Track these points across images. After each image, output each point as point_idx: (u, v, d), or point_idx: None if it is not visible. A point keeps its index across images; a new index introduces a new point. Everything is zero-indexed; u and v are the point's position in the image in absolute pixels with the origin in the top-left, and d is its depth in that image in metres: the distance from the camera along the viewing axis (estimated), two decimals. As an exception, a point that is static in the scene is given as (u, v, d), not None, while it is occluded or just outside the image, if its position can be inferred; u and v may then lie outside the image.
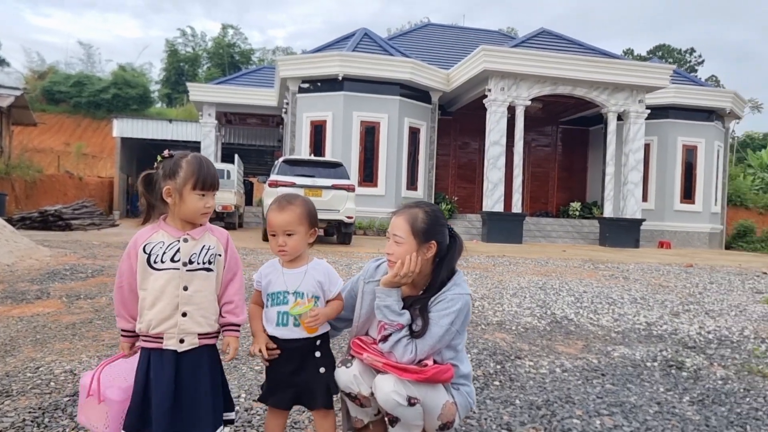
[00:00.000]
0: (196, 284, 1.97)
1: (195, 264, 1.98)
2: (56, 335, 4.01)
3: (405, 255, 2.15)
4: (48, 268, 6.89)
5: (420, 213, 2.18)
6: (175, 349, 1.94)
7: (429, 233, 2.17)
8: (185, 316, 1.95)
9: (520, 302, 5.92)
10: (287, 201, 2.17)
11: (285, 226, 2.12)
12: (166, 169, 1.98)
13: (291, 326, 2.11)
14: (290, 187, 11.35)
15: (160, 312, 1.93)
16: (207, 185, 1.98)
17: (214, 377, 2.02)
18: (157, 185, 1.99)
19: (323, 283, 2.16)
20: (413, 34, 25.80)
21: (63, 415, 2.58)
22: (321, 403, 2.12)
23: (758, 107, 48.40)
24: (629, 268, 10.07)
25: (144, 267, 1.95)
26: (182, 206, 1.96)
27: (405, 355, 2.07)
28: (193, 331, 1.96)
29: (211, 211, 2.03)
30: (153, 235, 1.99)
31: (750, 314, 5.89)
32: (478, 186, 21.17)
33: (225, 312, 2.06)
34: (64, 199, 20.68)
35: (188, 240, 1.99)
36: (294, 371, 2.12)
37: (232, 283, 2.09)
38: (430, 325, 2.10)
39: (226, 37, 53.90)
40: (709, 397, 3.26)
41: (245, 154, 27.82)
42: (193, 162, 1.98)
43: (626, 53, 53.07)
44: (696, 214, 20.83)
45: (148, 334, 1.95)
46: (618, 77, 17.50)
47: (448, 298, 2.14)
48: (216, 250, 2.04)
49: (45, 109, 37.69)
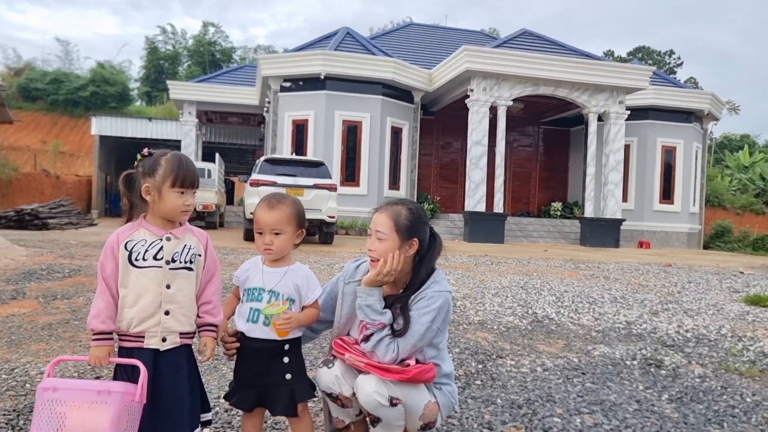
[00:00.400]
0: (179, 283, 1.97)
1: (178, 262, 1.98)
2: (32, 336, 3.94)
3: (387, 251, 2.14)
4: (24, 268, 6.77)
5: (403, 210, 2.19)
6: (157, 348, 1.92)
7: (412, 230, 2.17)
8: (168, 314, 1.94)
9: (501, 302, 5.94)
10: (277, 200, 2.15)
11: (273, 225, 2.10)
12: (146, 167, 1.98)
13: (260, 324, 2.09)
14: (272, 186, 11.29)
15: (143, 310, 1.92)
16: (186, 183, 1.97)
17: (191, 378, 2.01)
18: (137, 184, 1.99)
19: (300, 287, 2.13)
20: (396, 33, 25.81)
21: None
22: (281, 410, 2.09)
23: (736, 109, 49.11)
24: (609, 267, 10.16)
25: (125, 264, 1.94)
26: (161, 204, 1.96)
27: (387, 354, 2.06)
28: (175, 330, 1.96)
29: (191, 210, 2.02)
30: (134, 232, 1.98)
31: (727, 313, 5.98)
32: (460, 186, 21.23)
33: (203, 312, 2.05)
34: (40, 197, 20.37)
35: (171, 239, 1.98)
36: (259, 373, 2.09)
37: (211, 283, 2.08)
38: (411, 324, 2.10)
39: (206, 35, 53.37)
40: (688, 394, 3.29)
41: (226, 153, 27.63)
42: (172, 160, 1.98)
43: (607, 55, 53.60)
44: (675, 214, 21.10)
45: (128, 333, 1.93)
46: (599, 78, 17.66)
47: (429, 295, 2.14)
48: (196, 250, 2.04)
49: (21, 106, 37.04)
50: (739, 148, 40.25)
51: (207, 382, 3.06)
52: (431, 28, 27.82)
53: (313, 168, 12.56)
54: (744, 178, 32.94)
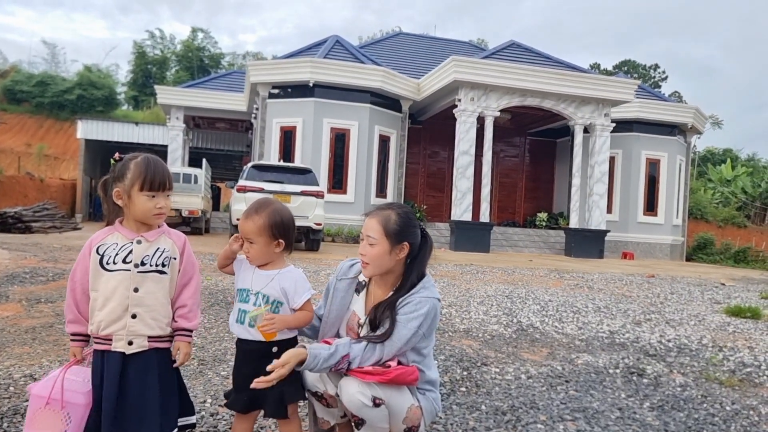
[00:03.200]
0: (148, 286, 1.97)
1: (147, 266, 1.97)
2: (15, 339, 3.91)
3: (378, 256, 2.17)
4: (7, 271, 6.71)
5: (392, 214, 2.21)
6: (123, 351, 1.93)
7: (401, 234, 2.19)
8: (135, 317, 1.94)
9: (486, 310, 5.97)
10: (255, 210, 2.16)
11: (246, 234, 2.14)
12: (116, 172, 1.99)
13: (246, 326, 2.12)
14: (259, 193, 11.27)
15: (110, 313, 1.93)
16: (155, 185, 1.97)
17: (165, 381, 2.00)
18: (110, 189, 2.00)
19: (287, 290, 2.15)
20: (385, 42, 25.92)
21: (23, 420, 2.52)
22: (271, 412, 2.11)
23: (719, 123, 49.85)
24: (593, 277, 10.25)
25: (96, 268, 1.96)
26: (132, 208, 1.97)
27: (370, 359, 2.08)
28: (142, 333, 1.95)
29: (165, 212, 2.01)
30: (108, 236, 2.00)
31: (708, 324, 6.06)
32: (447, 195, 21.30)
33: (177, 316, 2.04)
34: (24, 200, 20.16)
35: (141, 242, 1.98)
36: (251, 375, 2.10)
37: (187, 287, 2.07)
38: (397, 327, 2.11)
39: (195, 40, 53.26)
40: (669, 403, 3.34)
41: (213, 158, 27.52)
42: (141, 163, 1.98)
43: (593, 67, 54.15)
44: (658, 226, 21.32)
45: (98, 336, 1.95)
46: (585, 91, 17.85)
47: (416, 300, 2.16)
48: (171, 254, 2.03)
49: (6, 108, 36.76)
50: (721, 161, 40.81)
51: (192, 387, 3.06)
52: (420, 38, 27.97)
53: (300, 175, 12.56)
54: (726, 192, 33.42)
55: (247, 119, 23.50)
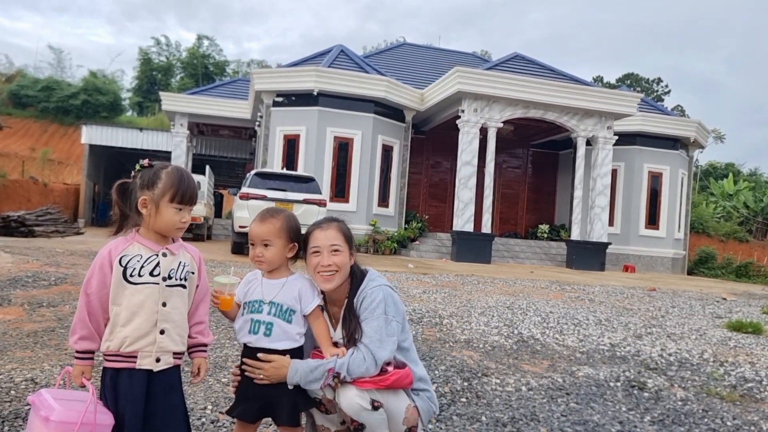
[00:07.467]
0: (174, 301, 1.90)
1: (173, 279, 1.90)
2: (17, 343, 3.92)
3: (344, 262, 2.25)
4: (9, 275, 6.72)
5: (343, 224, 2.37)
6: (150, 368, 1.84)
7: (352, 239, 2.35)
8: (163, 333, 1.86)
9: (487, 321, 5.97)
10: (270, 214, 2.21)
11: (263, 237, 2.16)
12: (145, 178, 1.89)
13: (261, 335, 2.13)
14: (261, 200, 11.30)
15: (137, 329, 1.83)
16: (185, 199, 1.90)
17: (183, 398, 1.97)
18: (133, 195, 1.90)
19: (302, 294, 2.19)
20: (389, 52, 26.03)
21: (24, 424, 2.52)
22: (285, 420, 2.12)
23: (721, 137, 49.88)
24: (594, 290, 10.23)
25: (119, 280, 1.85)
26: (158, 218, 1.88)
27: (361, 365, 2.08)
28: (169, 350, 1.88)
29: (186, 226, 1.96)
30: (128, 247, 1.89)
31: (710, 338, 6.04)
32: (449, 205, 21.32)
33: (195, 332, 2.00)
34: (27, 205, 20.21)
35: (167, 255, 1.91)
36: (264, 383, 2.12)
37: (203, 303, 2.04)
38: (365, 323, 2.16)
39: (200, 47, 53.54)
40: (669, 417, 3.33)
41: (216, 165, 27.58)
42: (174, 174, 1.91)
43: (596, 80, 54.31)
44: (660, 239, 21.30)
45: (119, 353, 1.83)
46: (588, 103, 17.90)
47: (368, 293, 2.23)
48: (190, 268, 1.98)
49: (11, 112, 36.87)
50: (723, 176, 40.82)
51: (193, 393, 3.06)
52: (424, 49, 28.09)
53: (303, 183, 12.59)
54: (728, 206, 33.39)
55: (251, 127, 23.58)
